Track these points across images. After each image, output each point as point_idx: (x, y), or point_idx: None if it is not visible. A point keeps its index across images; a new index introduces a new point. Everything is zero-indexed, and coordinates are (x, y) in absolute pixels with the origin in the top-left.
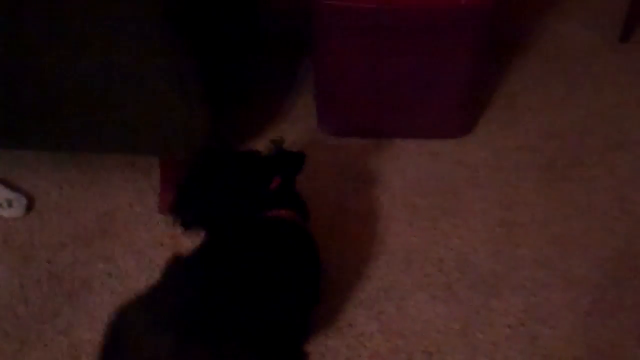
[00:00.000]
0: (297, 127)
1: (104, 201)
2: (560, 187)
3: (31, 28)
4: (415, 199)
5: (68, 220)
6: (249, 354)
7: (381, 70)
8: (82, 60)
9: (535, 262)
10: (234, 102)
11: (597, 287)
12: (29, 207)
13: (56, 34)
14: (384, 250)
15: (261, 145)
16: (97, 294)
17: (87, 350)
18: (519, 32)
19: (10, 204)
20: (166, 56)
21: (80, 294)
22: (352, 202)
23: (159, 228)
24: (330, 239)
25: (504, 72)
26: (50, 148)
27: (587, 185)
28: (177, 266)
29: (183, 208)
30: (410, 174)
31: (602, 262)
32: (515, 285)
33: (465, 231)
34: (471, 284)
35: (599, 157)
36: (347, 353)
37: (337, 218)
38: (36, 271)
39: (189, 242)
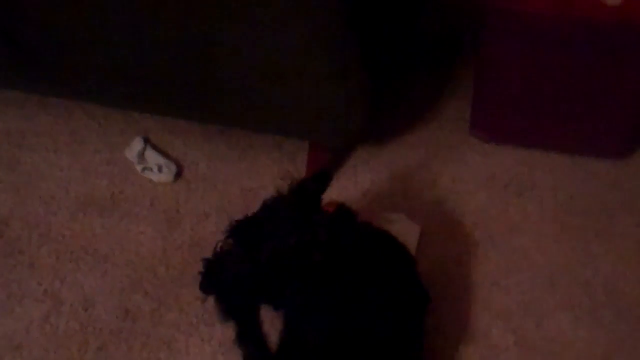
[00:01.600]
0: (447, 128)
1: (249, 178)
2: None
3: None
4: (566, 216)
5: (213, 192)
6: None
7: (547, 80)
8: (251, 42)
9: None
10: (389, 96)
11: None
12: (178, 175)
13: (230, 15)
14: (527, 265)
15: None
16: None
17: None
18: None
19: (160, 169)
20: (333, 47)
21: None
22: (498, 211)
23: None
24: (473, 246)
25: None
26: (206, 121)
27: None
28: None
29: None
30: (563, 190)
31: None
32: None
33: (616, 257)
34: (618, 311)
35: None
36: None
37: (481, 225)
38: (179, 236)
39: None
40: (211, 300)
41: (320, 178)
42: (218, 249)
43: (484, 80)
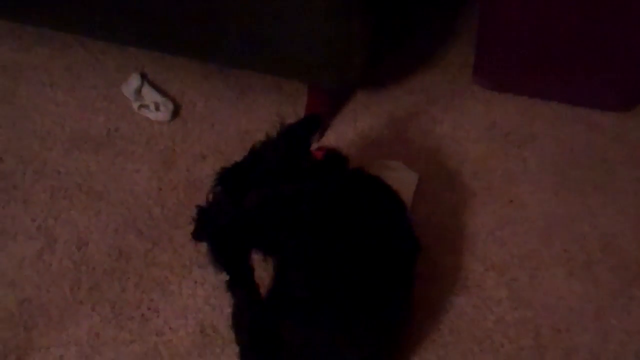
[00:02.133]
0: (449, 74)
1: (247, 119)
2: None
3: None
4: (566, 168)
5: (210, 132)
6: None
7: (554, 26)
8: None
9: None
10: (391, 38)
11: None
12: (175, 114)
13: None
14: (524, 217)
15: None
16: None
17: None
18: None
19: (157, 107)
20: None
21: None
22: (497, 161)
23: None
24: (471, 196)
25: None
26: (206, 59)
27: None
28: None
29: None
30: (564, 142)
31: None
32: None
33: (614, 211)
34: (613, 267)
35: None
36: (472, 314)
37: (479, 175)
38: (175, 177)
39: None
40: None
41: (310, 123)
42: (210, 197)
43: (489, 24)
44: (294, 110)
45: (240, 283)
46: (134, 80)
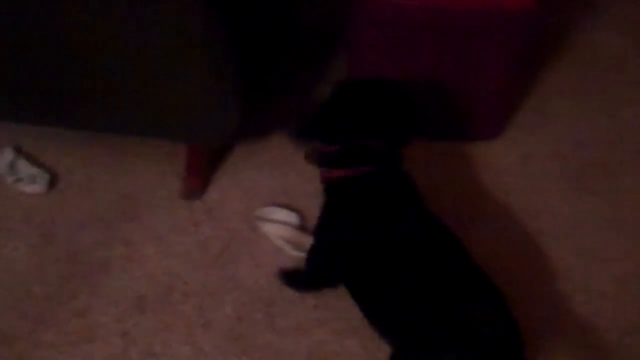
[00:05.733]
0: None
1: (127, 183)
2: (588, 197)
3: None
4: (441, 201)
5: (90, 200)
6: None
7: (417, 68)
8: (119, 42)
9: (557, 273)
10: (265, 93)
11: (618, 302)
12: (52, 184)
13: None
14: None
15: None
16: (116, 277)
17: (101, 334)
18: (554, 37)
19: (33, 180)
20: (204, 47)
21: (99, 276)
22: None
23: (180, 214)
24: None
25: (538, 76)
26: (78, 127)
27: (615, 198)
28: None
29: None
30: (436, 175)
31: (625, 276)
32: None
33: (491, 238)
34: None
35: (629, 167)
36: (364, 354)
37: None
38: (56, 250)
39: (210, 229)
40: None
41: None
42: None
43: (356, 69)
44: (173, 170)
45: None
46: (7, 155)
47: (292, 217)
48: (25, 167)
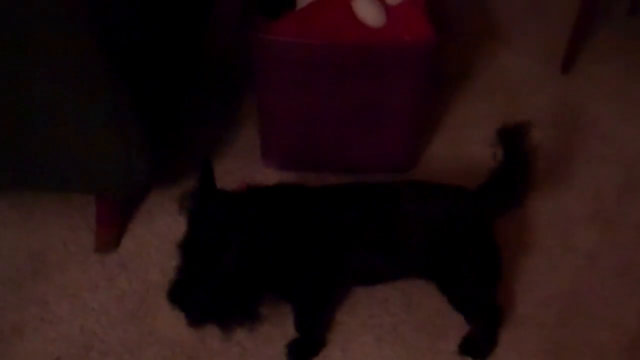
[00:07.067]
0: (241, 158)
1: (36, 240)
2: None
3: None
4: None
5: None
6: None
7: (323, 105)
8: (12, 94)
9: None
10: (176, 138)
11: (542, 327)
12: None
13: None
14: None
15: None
16: (29, 340)
17: None
18: (463, 64)
19: None
20: (103, 96)
21: (11, 340)
22: None
23: (94, 269)
24: None
25: (449, 105)
26: None
27: (530, 222)
28: None
29: None
30: None
31: (547, 301)
32: (462, 325)
33: None
34: (417, 325)
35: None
36: None
37: None
38: None
39: (126, 283)
40: None
41: (205, 171)
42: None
43: (263, 109)
44: (85, 222)
45: None
46: None
47: None
48: None
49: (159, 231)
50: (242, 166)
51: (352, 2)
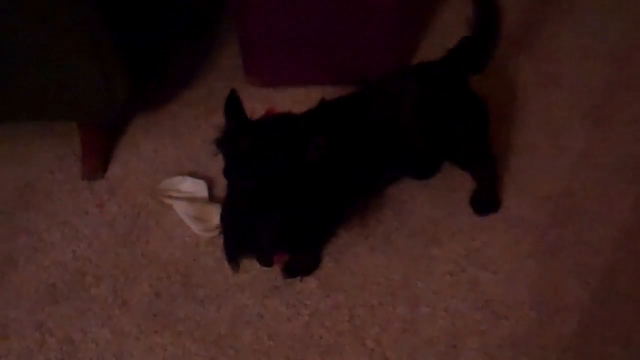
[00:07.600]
0: (223, 79)
1: (24, 171)
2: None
3: None
4: None
5: None
6: None
7: (303, 12)
8: None
9: None
10: (157, 61)
11: (537, 228)
12: None
13: None
14: None
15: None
16: (23, 269)
17: (15, 328)
18: None
19: None
20: (81, 25)
21: (5, 270)
22: None
23: (83, 195)
24: None
25: (437, 10)
26: None
27: (520, 123)
28: None
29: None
30: None
31: (541, 201)
32: (455, 231)
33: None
34: (409, 233)
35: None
36: (287, 312)
37: None
38: None
39: (116, 207)
40: None
41: (231, 105)
42: None
43: (242, 25)
44: (71, 150)
45: None
46: None
47: (198, 187)
48: None
49: (145, 155)
50: (226, 86)
51: None
